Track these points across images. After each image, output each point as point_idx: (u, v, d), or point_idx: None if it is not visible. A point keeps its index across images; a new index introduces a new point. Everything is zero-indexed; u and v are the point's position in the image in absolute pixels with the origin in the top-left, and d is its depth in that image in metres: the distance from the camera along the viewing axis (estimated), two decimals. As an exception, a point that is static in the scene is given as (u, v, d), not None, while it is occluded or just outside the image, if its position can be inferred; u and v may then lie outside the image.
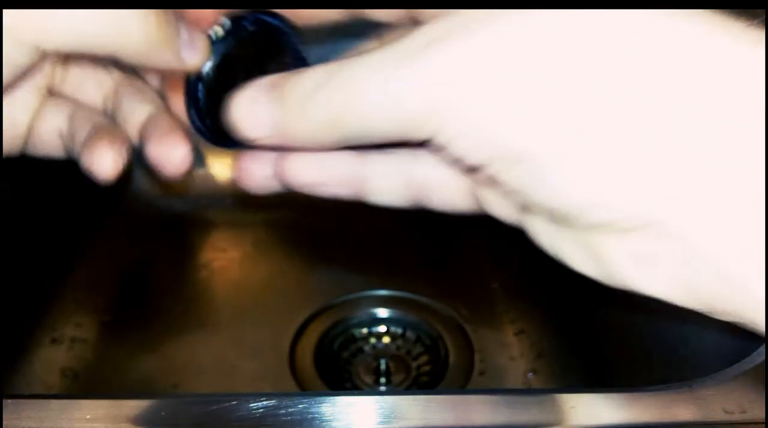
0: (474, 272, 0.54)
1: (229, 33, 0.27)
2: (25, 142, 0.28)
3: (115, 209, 0.58)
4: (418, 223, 0.55)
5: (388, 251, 0.55)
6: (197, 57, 0.25)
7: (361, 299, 0.51)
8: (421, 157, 0.24)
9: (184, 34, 0.25)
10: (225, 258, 0.55)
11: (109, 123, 0.28)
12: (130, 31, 0.22)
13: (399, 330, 0.50)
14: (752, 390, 0.25)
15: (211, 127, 0.27)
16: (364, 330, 0.50)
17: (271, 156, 0.25)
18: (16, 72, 0.23)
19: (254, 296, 0.52)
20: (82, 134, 0.27)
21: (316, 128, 0.22)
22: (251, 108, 0.23)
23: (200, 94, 0.26)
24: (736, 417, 0.24)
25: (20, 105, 0.27)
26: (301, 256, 0.55)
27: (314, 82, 0.22)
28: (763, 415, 0.24)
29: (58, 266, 0.52)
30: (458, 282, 0.53)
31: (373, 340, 0.50)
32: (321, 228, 0.57)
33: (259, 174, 0.27)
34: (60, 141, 0.28)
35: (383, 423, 0.24)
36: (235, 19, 0.27)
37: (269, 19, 0.27)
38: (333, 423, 0.24)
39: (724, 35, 0.18)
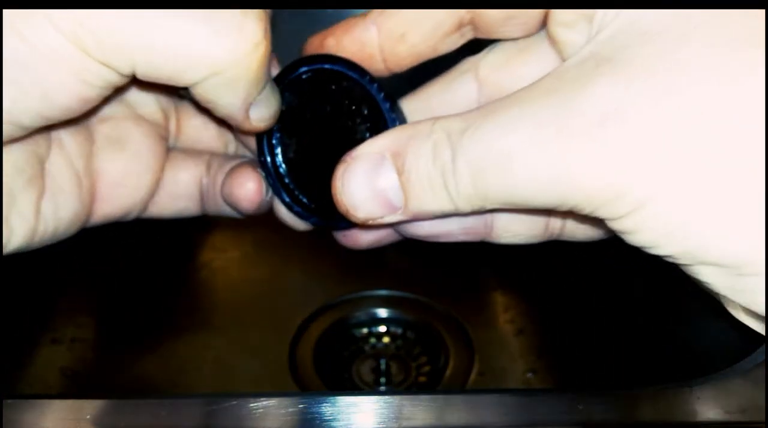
0: (474, 272, 0.54)
1: (286, 88, 0.23)
2: (149, 200, 0.25)
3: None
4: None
5: (388, 251, 0.55)
6: (264, 118, 0.22)
7: (361, 299, 0.51)
8: None
9: (267, 89, 0.21)
10: (225, 258, 0.55)
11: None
12: (228, 58, 0.18)
13: (399, 330, 0.50)
14: (752, 390, 0.25)
15: (311, 206, 0.24)
16: (364, 330, 0.50)
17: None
18: (104, 93, 0.19)
19: (254, 296, 0.52)
20: (221, 177, 0.25)
21: (450, 204, 0.18)
22: (367, 187, 0.19)
23: (282, 170, 0.24)
24: (736, 417, 0.24)
25: (147, 160, 0.24)
26: (300, 256, 0.55)
27: (444, 148, 0.17)
28: (763, 415, 0.24)
29: (59, 266, 0.52)
30: (458, 282, 0.53)
31: (373, 340, 0.50)
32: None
33: (370, 236, 0.24)
34: (197, 190, 0.26)
35: (383, 423, 0.24)
36: (288, 73, 0.23)
37: (326, 66, 0.22)
38: (333, 423, 0.24)
39: None
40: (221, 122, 0.25)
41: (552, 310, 0.50)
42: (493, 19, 0.21)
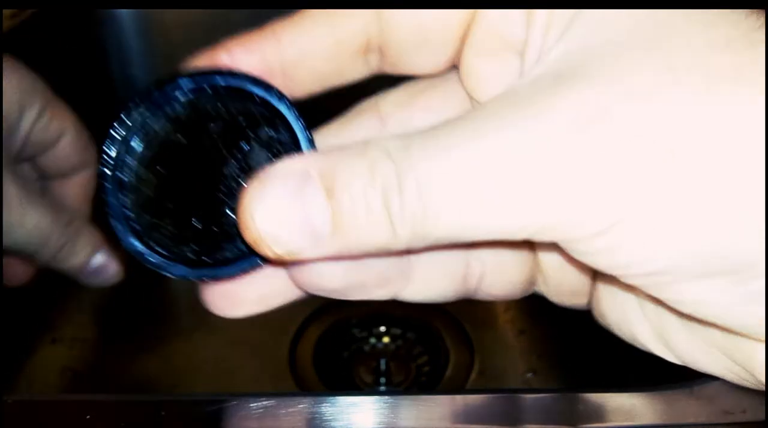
0: (474, 272, 0.54)
1: (152, 109, 0.19)
2: None
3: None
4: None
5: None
6: (100, 282, 0.23)
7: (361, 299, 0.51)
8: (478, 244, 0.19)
9: (99, 258, 0.22)
10: (225, 258, 0.55)
11: None
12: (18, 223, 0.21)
13: (399, 330, 0.50)
14: (752, 390, 0.25)
15: (171, 255, 0.20)
16: (364, 331, 0.50)
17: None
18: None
19: (254, 296, 0.52)
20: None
21: (388, 232, 0.16)
22: (288, 211, 0.16)
23: (131, 213, 0.19)
24: (736, 417, 0.24)
25: None
26: (301, 256, 0.55)
27: (384, 165, 0.15)
28: (763, 415, 0.24)
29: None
30: (458, 282, 0.53)
31: (373, 340, 0.50)
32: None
33: (253, 294, 0.20)
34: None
35: (383, 423, 0.24)
36: (160, 88, 0.19)
37: (217, 80, 0.19)
38: (333, 423, 0.24)
39: None
40: None
41: (552, 310, 0.50)
42: (404, 44, 0.19)
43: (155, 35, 0.55)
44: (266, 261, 0.18)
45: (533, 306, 0.51)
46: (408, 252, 0.19)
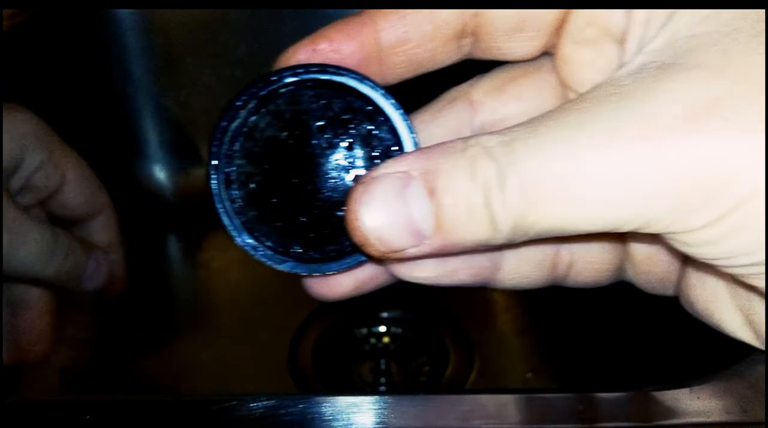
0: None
1: (260, 104, 0.19)
2: None
3: (114, 209, 0.58)
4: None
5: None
6: (95, 285, 0.27)
7: (361, 299, 0.51)
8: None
9: (92, 265, 0.26)
10: (225, 258, 0.55)
11: None
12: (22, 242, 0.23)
13: (399, 330, 0.50)
14: (752, 390, 0.25)
15: (278, 248, 0.20)
16: (364, 330, 0.50)
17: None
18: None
19: (254, 296, 0.52)
20: None
21: (489, 229, 0.16)
22: (393, 212, 0.16)
23: (238, 207, 0.20)
24: (736, 417, 0.24)
25: None
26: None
27: (485, 163, 0.15)
28: (763, 415, 0.24)
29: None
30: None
31: (373, 340, 0.50)
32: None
33: (350, 283, 0.20)
34: None
35: (383, 423, 0.24)
36: (266, 85, 0.19)
37: (322, 76, 0.19)
38: (333, 424, 0.24)
39: None
40: None
41: (552, 310, 0.50)
42: (499, 28, 0.19)
43: (155, 35, 0.55)
44: (371, 257, 0.19)
45: (533, 306, 0.51)
46: (507, 246, 0.19)
